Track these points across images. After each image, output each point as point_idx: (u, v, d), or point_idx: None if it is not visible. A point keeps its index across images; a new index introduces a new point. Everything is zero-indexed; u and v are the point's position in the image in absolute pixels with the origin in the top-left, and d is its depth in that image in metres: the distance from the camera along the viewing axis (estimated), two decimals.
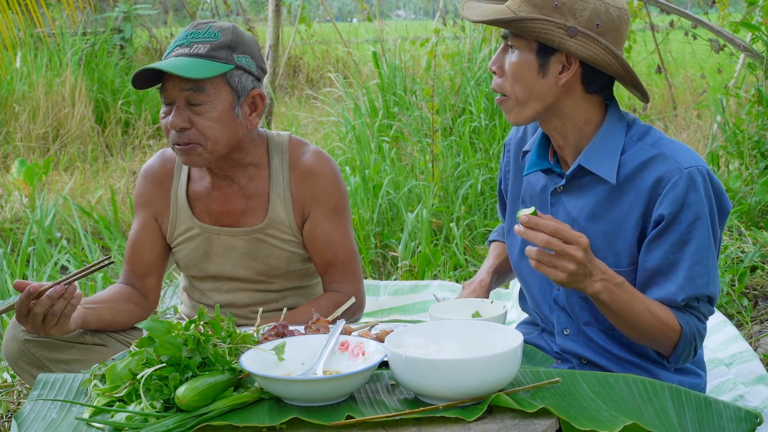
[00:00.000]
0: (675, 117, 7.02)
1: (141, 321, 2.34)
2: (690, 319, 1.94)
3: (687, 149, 1.97)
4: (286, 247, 2.40)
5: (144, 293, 2.48)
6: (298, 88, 9.81)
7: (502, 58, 1.99)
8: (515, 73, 1.95)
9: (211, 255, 2.42)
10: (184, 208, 2.42)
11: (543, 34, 1.89)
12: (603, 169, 1.96)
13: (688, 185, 1.89)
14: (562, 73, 1.93)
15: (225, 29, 2.26)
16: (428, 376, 1.61)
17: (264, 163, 2.40)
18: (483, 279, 2.26)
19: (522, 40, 1.93)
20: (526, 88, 1.95)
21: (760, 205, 4.12)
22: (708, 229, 1.92)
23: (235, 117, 2.26)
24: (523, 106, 1.97)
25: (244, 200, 2.39)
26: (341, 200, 2.42)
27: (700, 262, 1.92)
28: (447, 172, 5.10)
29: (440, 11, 6.56)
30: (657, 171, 1.92)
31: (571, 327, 2.08)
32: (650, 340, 1.95)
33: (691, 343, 1.95)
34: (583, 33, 1.89)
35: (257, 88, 2.30)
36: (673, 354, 1.96)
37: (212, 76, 2.20)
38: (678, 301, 1.92)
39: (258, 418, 1.61)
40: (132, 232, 2.49)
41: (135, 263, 2.47)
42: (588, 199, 2.00)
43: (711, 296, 1.96)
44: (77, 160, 7.00)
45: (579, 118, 1.99)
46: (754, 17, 4.70)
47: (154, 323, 1.75)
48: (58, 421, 1.67)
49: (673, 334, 1.93)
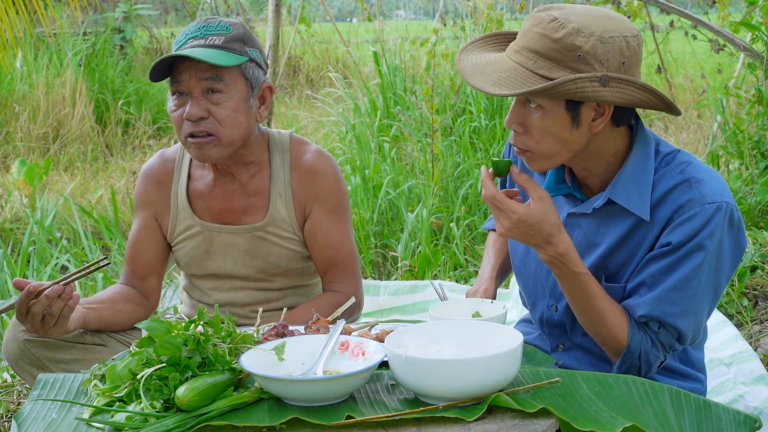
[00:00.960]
0: (675, 117, 7.02)
1: (136, 321, 2.38)
2: (642, 338, 1.88)
3: (716, 179, 1.86)
4: (287, 245, 2.41)
5: (144, 294, 2.48)
6: (298, 88, 9.81)
7: (521, 115, 1.83)
8: (545, 131, 1.81)
9: (211, 253, 2.43)
10: (184, 206, 2.43)
11: (578, 93, 1.74)
12: (634, 204, 1.86)
13: (706, 222, 1.81)
14: (596, 120, 1.82)
15: (236, 24, 2.30)
16: (428, 376, 1.61)
17: (265, 161, 2.40)
18: (487, 288, 2.22)
19: (548, 100, 1.78)
20: (558, 143, 1.82)
21: (760, 205, 4.12)
22: (706, 266, 1.83)
23: (250, 108, 2.30)
24: (552, 157, 1.85)
25: (245, 198, 2.40)
26: (342, 199, 2.43)
27: (679, 290, 1.84)
28: (447, 172, 5.10)
29: (440, 11, 6.56)
30: (679, 199, 1.83)
31: (565, 343, 2.07)
32: (598, 339, 1.92)
33: (635, 363, 1.89)
34: (615, 78, 1.75)
35: (267, 81, 2.35)
36: (617, 364, 1.91)
37: (233, 65, 2.24)
38: (636, 315, 1.87)
39: (258, 418, 1.61)
40: (132, 233, 2.50)
41: (135, 264, 2.47)
42: (614, 228, 1.91)
43: (678, 330, 1.87)
44: (77, 160, 7.00)
45: (608, 151, 1.88)
46: (754, 17, 4.70)
47: (154, 323, 1.75)
48: (58, 421, 1.67)
49: (617, 345, 1.88)
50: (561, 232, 1.82)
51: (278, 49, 6.10)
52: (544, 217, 1.80)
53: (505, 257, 2.31)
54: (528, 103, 1.82)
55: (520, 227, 1.81)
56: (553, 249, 1.82)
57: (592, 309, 1.87)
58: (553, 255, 1.83)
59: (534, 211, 1.80)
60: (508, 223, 1.82)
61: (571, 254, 1.84)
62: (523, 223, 1.80)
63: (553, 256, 1.83)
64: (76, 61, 7.77)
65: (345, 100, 6.70)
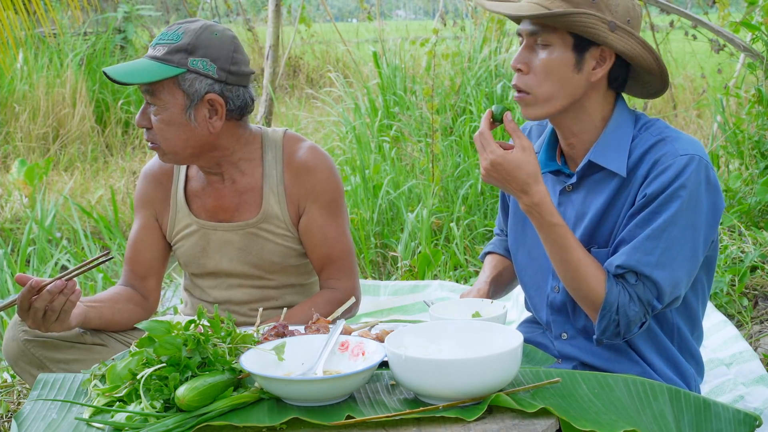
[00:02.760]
0: (675, 117, 7.02)
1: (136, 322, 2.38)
2: (620, 292, 1.88)
3: (691, 139, 1.95)
4: (281, 241, 2.41)
5: (144, 294, 2.49)
6: (298, 88, 9.81)
7: (527, 56, 1.94)
8: (549, 69, 1.92)
9: (208, 251, 2.44)
10: (182, 205, 2.45)
11: (590, 28, 1.87)
12: (613, 163, 1.95)
13: (679, 171, 1.88)
14: (596, 69, 1.93)
15: (189, 31, 2.27)
16: (428, 376, 1.61)
17: (258, 158, 2.41)
18: (481, 288, 2.23)
19: (556, 36, 1.90)
20: (558, 85, 1.92)
21: (760, 205, 4.12)
22: (681, 217, 1.87)
23: (188, 120, 2.27)
24: (548, 102, 1.94)
25: (237, 196, 2.41)
26: (337, 195, 2.43)
27: (653, 239, 1.87)
28: (447, 172, 5.10)
29: (440, 11, 6.56)
30: (655, 155, 1.91)
31: (569, 330, 2.07)
32: (576, 295, 1.94)
33: (613, 317, 1.89)
34: (621, 28, 1.89)
35: (212, 93, 2.27)
36: (597, 322, 1.91)
37: (155, 80, 2.23)
38: (613, 266, 1.89)
39: (258, 418, 1.61)
40: (132, 233, 2.51)
41: (135, 264, 2.48)
42: (599, 195, 1.98)
43: (654, 281, 1.87)
44: (77, 160, 7.01)
45: (597, 114, 1.98)
46: (754, 17, 4.70)
47: (154, 323, 1.75)
48: (58, 421, 1.67)
49: (594, 297, 1.89)
50: (537, 183, 1.90)
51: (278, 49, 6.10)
52: (522, 165, 1.89)
53: (499, 272, 2.30)
54: (535, 45, 1.93)
55: (498, 169, 1.90)
56: (528, 198, 1.90)
57: (570, 260, 1.91)
58: (529, 204, 1.90)
59: (512, 157, 1.89)
60: (486, 163, 1.91)
61: (547, 204, 1.90)
62: (500, 165, 1.89)
63: (529, 205, 1.91)
64: (77, 61, 7.77)
65: (345, 100, 6.70)
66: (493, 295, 2.24)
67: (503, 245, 2.35)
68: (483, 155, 1.92)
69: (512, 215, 2.21)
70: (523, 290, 2.20)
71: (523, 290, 2.20)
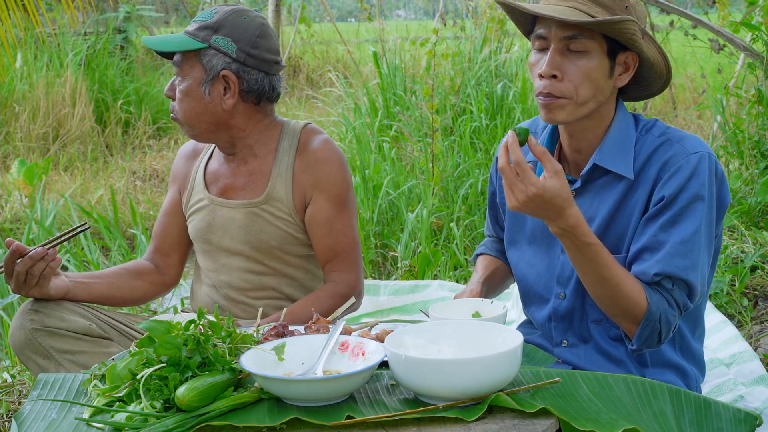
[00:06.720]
0: (675, 117, 7.03)
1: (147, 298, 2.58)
2: (659, 300, 1.88)
3: (695, 137, 1.95)
4: (280, 225, 2.44)
5: (163, 269, 2.61)
6: (298, 88, 9.81)
7: (561, 62, 1.90)
8: (589, 76, 1.89)
9: (213, 226, 2.51)
10: (200, 180, 2.56)
11: (632, 35, 1.86)
12: (619, 166, 1.94)
13: (693, 170, 1.88)
14: (622, 75, 1.94)
15: (221, 12, 2.40)
16: (428, 376, 1.61)
17: (274, 145, 2.48)
18: (474, 289, 2.20)
19: (594, 42, 1.89)
20: (593, 91, 1.91)
21: (760, 205, 4.12)
22: (705, 214, 1.88)
23: (203, 93, 2.39)
24: (582, 106, 1.92)
25: (247, 175, 2.49)
26: (345, 189, 2.47)
27: (685, 243, 1.87)
28: (447, 172, 5.10)
29: (440, 11, 6.56)
30: (663, 156, 1.91)
31: (570, 338, 2.07)
32: (615, 311, 1.90)
33: (656, 326, 1.88)
34: (647, 34, 1.91)
35: (228, 70, 2.37)
36: (637, 333, 1.89)
37: (178, 50, 2.38)
38: (650, 275, 1.87)
39: (258, 418, 1.61)
40: (162, 208, 2.65)
41: (160, 237, 2.62)
42: (606, 199, 1.96)
43: (689, 283, 1.88)
44: (77, 160, 7.01)
45: (607, 117, 1.98)
46: (754, 17, 4.70)
47: (154, 323, 1.75)
48: (58, 421, 1.67)
49: (638, 310, 1.87)
50: (572, 205, 1.83)
51: None
52: (559, 191, 1.80)
53: (492, 272, 2.28)
54: (567, 50, 1.90)
55: (535, 201, 1.80)
56: (563, 221, 1.82)
57: (608, 278, 1.86)
58: (563, 227, 1.83)
59: (550, 185, 1.79)
60: (523, 196, 1.79)
61: (582, 225, 1.84)
62: (539, 197, 1.79)
63: (563, 228, 1.83)
64: (77, 61, 7.77)
65: (345, 100, 6.70)
66: (485, 296, 2.22)
67: (495, 246, 2.33)
68: (518, 187, 1.80)
69: (508, 228, 2.17)
70: (521, 298, 2.19)
71: (521, 298, 2.19)
